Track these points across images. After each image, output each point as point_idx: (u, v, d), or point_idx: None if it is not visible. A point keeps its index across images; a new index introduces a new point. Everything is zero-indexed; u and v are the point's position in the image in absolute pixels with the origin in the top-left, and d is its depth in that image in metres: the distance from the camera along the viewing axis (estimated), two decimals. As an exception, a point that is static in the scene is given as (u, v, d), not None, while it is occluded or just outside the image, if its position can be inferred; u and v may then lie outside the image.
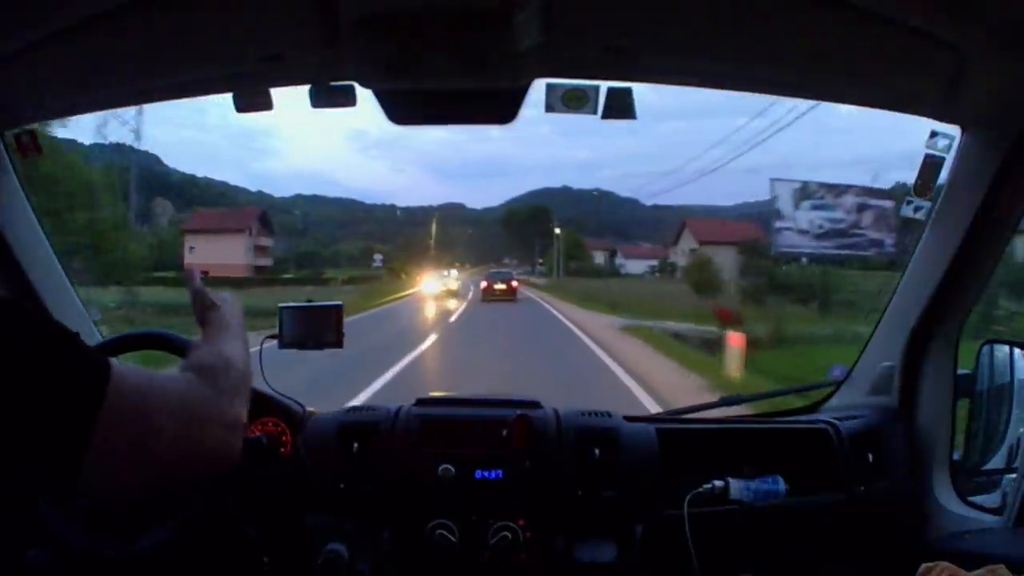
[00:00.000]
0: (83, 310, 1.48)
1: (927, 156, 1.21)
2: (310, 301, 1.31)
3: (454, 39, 0.92)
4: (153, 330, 1.24)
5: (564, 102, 1.09)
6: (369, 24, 0.89)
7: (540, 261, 52.04)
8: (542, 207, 63.36)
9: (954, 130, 1.18)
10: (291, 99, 1.20)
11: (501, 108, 1.15)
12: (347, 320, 1.29)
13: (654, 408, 4.09)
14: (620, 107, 1.10)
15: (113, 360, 0.55)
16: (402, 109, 1.14)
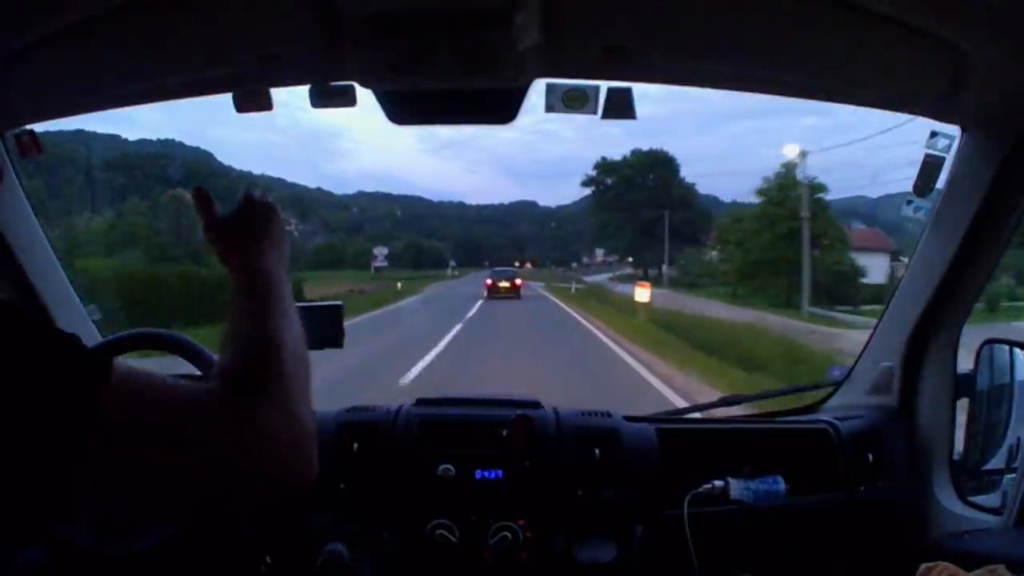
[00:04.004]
0: (83, 310, 1.48)
1: (927, 156, 1.21)
2: (310, 301, 1.31)
3: (454, 39, 0.92)
4: (153, 330, 1.24)
5: (564, 102, 1.09)
6: (369, 24, 0.89)
7: (656, 265, 31.03)
8: (662, 155, 36.88)
9: (954, 130, 1.17)
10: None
11: (501, 108, 1.15)
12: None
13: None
14: (620, 107, 1.10)
15: (119, 362, 0.48)
16: (402, 109, 1.14)
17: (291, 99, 1.12)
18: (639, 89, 1.11)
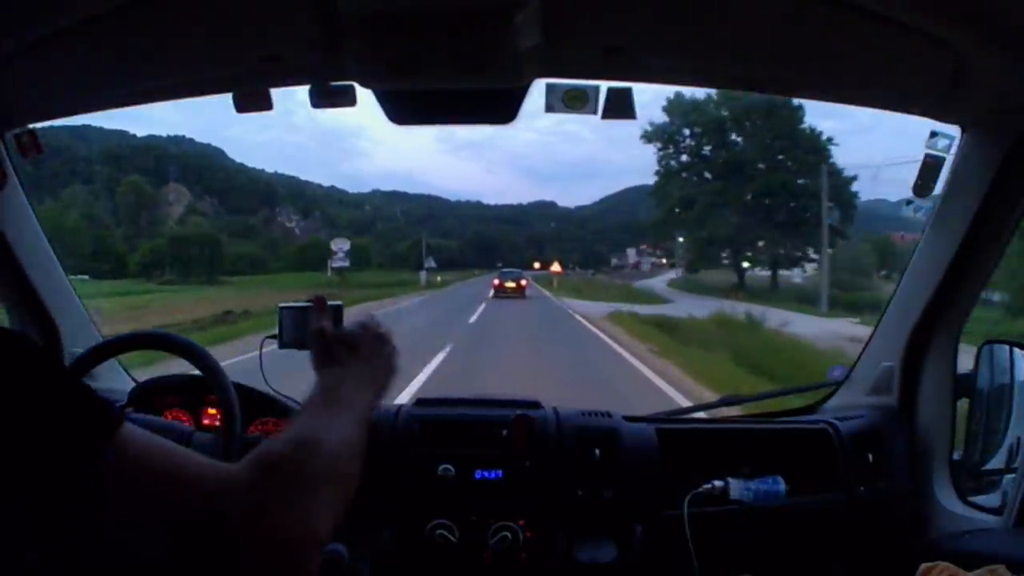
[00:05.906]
0: (83, 311, 1.47)
1: (927, 156, 1.21)
2: (311, 301, 1.31)
3: (454, 39, 0.92)
4: (152, 330, 1.24)
5: (564, 102, 1.09)
6: (369, 24, 0.89)
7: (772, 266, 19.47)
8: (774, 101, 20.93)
9: (954, 130, 1.18)
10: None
11: (501, 108, 1.15)
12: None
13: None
14: (620, 107, 1.10)
15: (128, 425, 0.48)
16: (402, 109, 1.14)
17: (304, 99, 1.13)
18: (656, 89, 1.11)
